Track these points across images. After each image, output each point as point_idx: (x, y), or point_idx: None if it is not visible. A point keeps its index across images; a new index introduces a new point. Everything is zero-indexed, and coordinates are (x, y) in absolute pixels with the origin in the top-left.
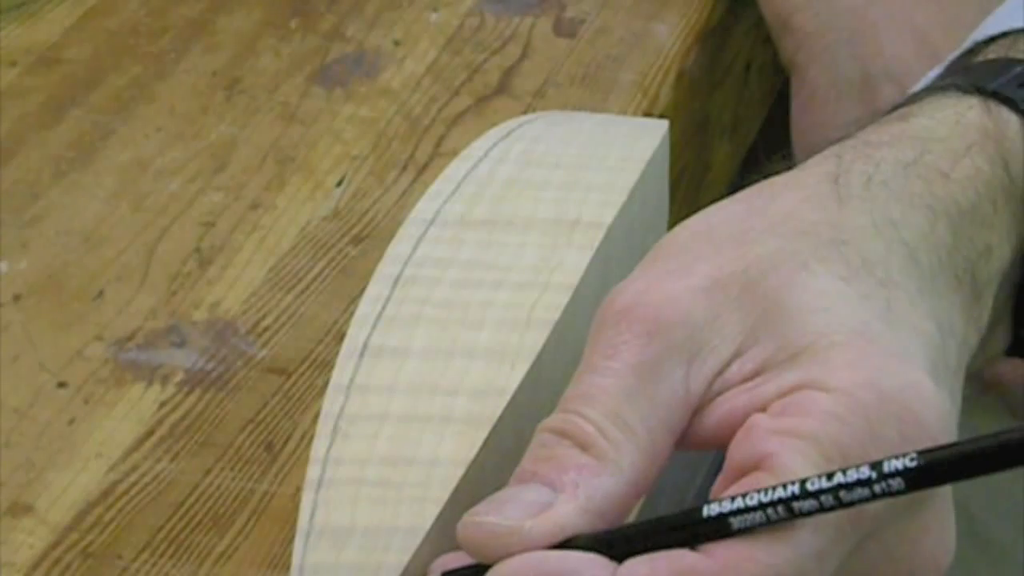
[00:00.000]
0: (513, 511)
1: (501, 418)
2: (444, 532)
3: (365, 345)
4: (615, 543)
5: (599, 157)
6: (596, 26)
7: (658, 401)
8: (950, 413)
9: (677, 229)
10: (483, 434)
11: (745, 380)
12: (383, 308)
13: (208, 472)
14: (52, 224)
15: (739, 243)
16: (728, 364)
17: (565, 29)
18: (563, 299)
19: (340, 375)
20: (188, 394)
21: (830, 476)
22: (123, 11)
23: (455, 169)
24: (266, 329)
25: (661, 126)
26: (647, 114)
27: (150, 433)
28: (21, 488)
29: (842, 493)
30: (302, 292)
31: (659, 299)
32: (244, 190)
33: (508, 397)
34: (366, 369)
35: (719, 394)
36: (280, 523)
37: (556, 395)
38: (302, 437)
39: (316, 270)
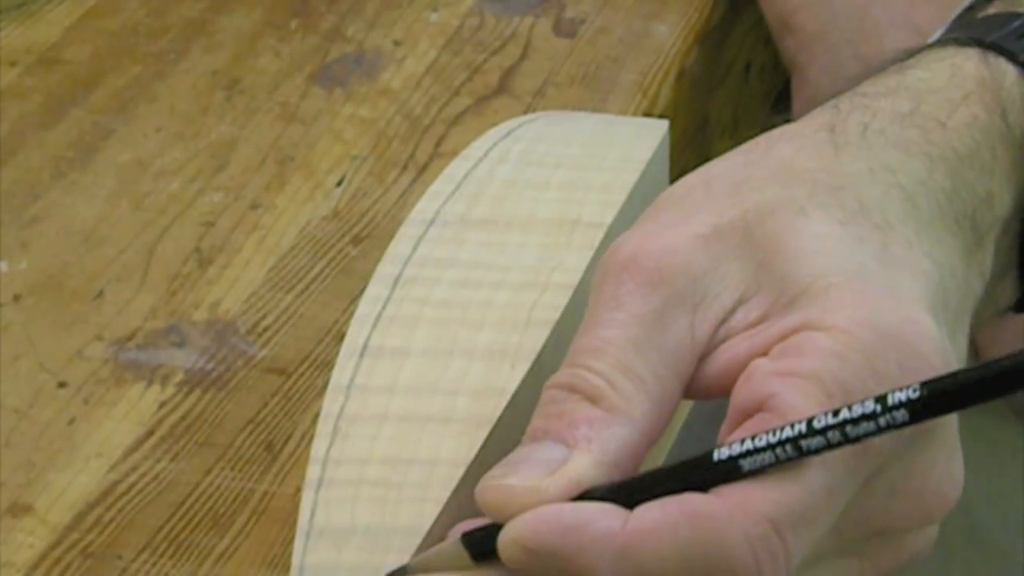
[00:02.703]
0: (528, 471)
1: (501, 418)
2: (444, 532)
3: (365, 345)
4: (629, 493)
5: (599, 157)
6: (596, 26)
7: (665, 350)
8: (949, 351)
9: (675, 184)
10: (483, 434)
11: (749, 327)
12: (383, 308)
13: (208, 472)
14: (52, 224)
15: (737, 192)
16: (732, 312)
17: (565, 29)
18: (563, 299)
19: (340, 375)
20: (188, 394)
21: (835, 413)
22: (123, 11)
23: (455, 169)
24: (266, 329)
25: (661, 126)
26: (647, 114)
27: (150, 433)
28: (21, 488)
29: (848, 428)
30: (302, 292)
31: (660, 249)
32: (244, 190)
33: (508, 397)
34: (366, 369)
35: (723, 341)
36: (280, 523)
37: None
38: (302, 437)
39: (316, 270)
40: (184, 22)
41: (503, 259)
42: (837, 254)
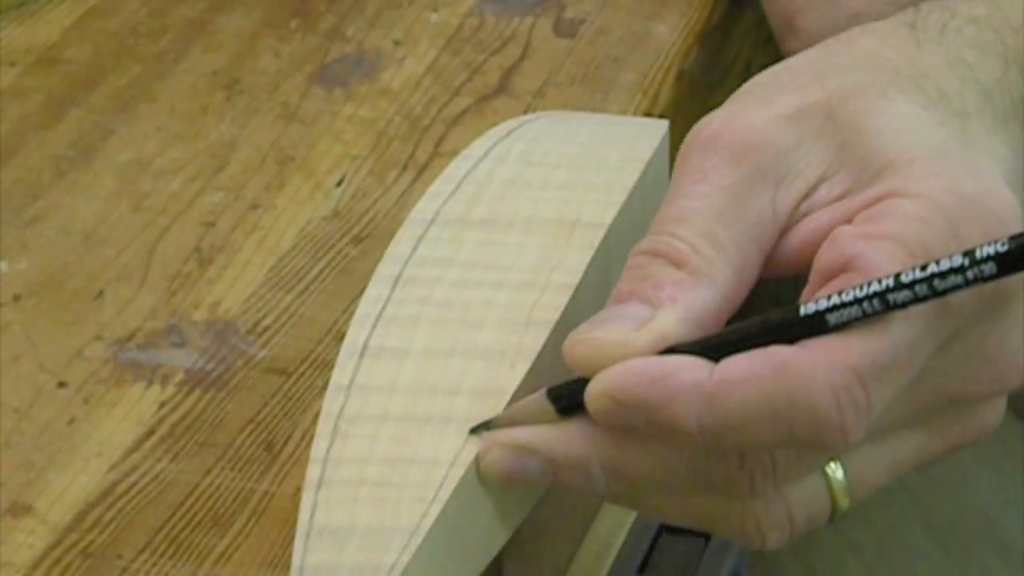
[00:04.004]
0: (615, 326)
1: None
2: (445, 532)
3: (365, 345)
4: (714, 349)
5: (599, 157)
6: (596, 26)
7: (747, 221)
8: None
9: (758, 74)
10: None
11: (832, 202)
12: (383, 308)
13: (208, 472)
14: (52, 224)
15: (820, 77)
16: (814, 188)
17: (565, 29)
18: (563, 299)
19: (340, 375)
20: (188, 394)
21: (923, 267)
22: (123, 11)
23: (455, 169)
24: (266, 329)
25: (661, 126)
26: (647, 114)
27: (150, 433)
28: (21, 488)
29: (936, 282)
30: (302, 292)
31: (745, 126)
32: (244, 190)
33: (508, 397)
34: (366, 369)
35: (804, 216)
36: (280, 523)
37: None
38: (302, 437)
39: (316, 270)
40: (184, 22)
41: (503, 259)
42: (919, 132)
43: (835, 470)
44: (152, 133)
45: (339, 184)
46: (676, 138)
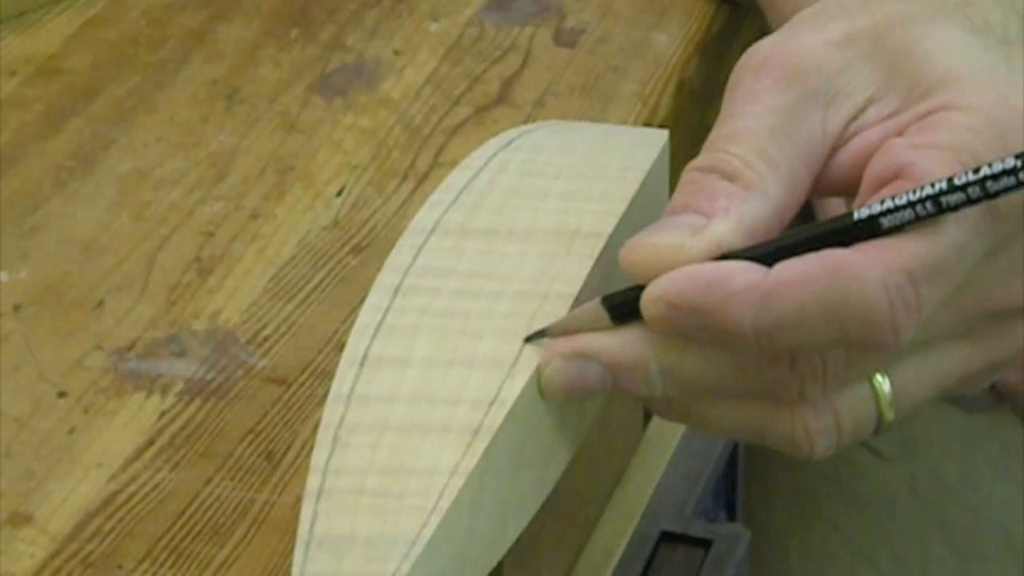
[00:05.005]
0: (671, 233)
1: (501, 428)
2: (445, 542)
3: (365, 355)
4: (768, 256)
5: (599, 167)
6: (596, 36)
7: (798, 140)
8: None
9: (808, 8)
10: (483, 444)
11: (880, 122)
12: (383, 318)
13: (208, 482)
14: (52, 234)
15: (868, 5)
16: (863, 110)
17: (565, 39)
18: (563, 309)
19: (340, 385)
20: (188, 404)
21: (976, 170)
22: (123, 21)
23: (455, 179)
24: (266, 339)
25: (661, 136)
26: (647, 124)
27: (150, 443)
28: (21, 498)
29: (988, 183)
30: (302, 302)
31: (795, 50)
32: (244, 200)
33: (508, 407)
34: (366, 379)
35: (854, 136)
36: (280, 533)
37: (556, 405)
38: (302, 447)
39: (316, 280)
40: (184, 32)
41: (503, 269)
42: (967, 54)
43: (882, 382)
44: (152, 143)
45: (339, 194)
46: (676, 148)
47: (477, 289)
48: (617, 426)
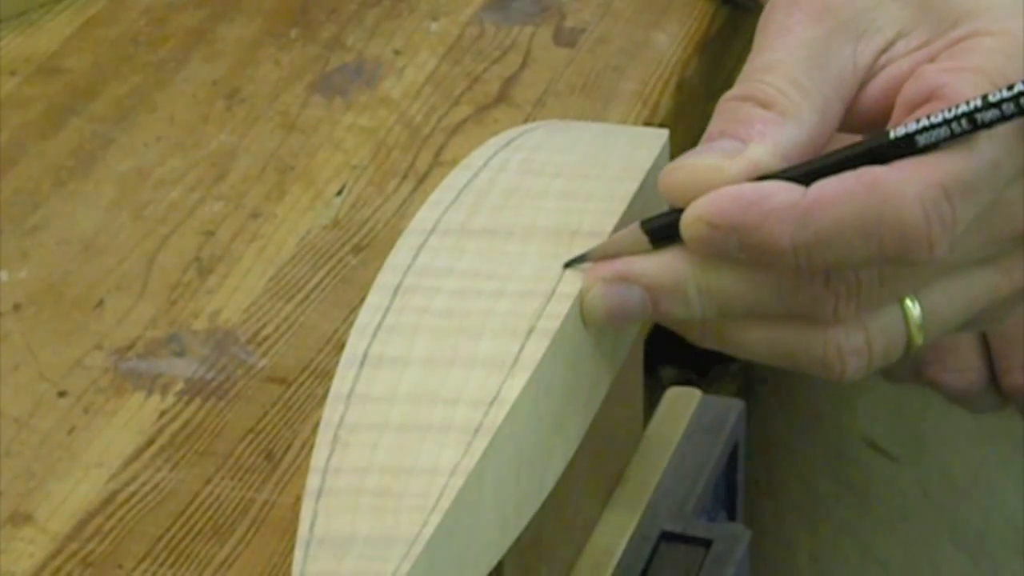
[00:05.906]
0: (710, 156)
1: (501, 427)
2: (445, 541)
3: (365, 354)
4: (805, 176)
5: (599, 166)
6: (596, 35)
7: (830, 71)
8: None
9: None
10: (484, 443)
11: (910, 53)
12: (383, 317)
13: (208, 481)
14: (52, 233)
15: None
16: (892, 42)
17: (565, 38)
18: (563, 308)
19: (340, 384)
20: (188, 403)
21: (1010, 87)
22: (123, 20)
23: (455, 178)
24: (266, 338)
25: (661, 135)
26: (647, 123)
27: (150, 442)
28: (21, 497)
29: (1022, 100)
30: (302, 301)
31: None
32: (244, 199)
33: (508, 406)
34: (366, 378)
35: (884, 68)
36: (280, 532)
37: (556, 404)
38: (302, 446)
39: (316, 279)
40: (184, 31)
41: (503, 268)
42: None
43: (912, 306)
44: (152, 142)
45: (339, 193)
46: (676, 147)
47: (477, 289)
48: (617, 426)
